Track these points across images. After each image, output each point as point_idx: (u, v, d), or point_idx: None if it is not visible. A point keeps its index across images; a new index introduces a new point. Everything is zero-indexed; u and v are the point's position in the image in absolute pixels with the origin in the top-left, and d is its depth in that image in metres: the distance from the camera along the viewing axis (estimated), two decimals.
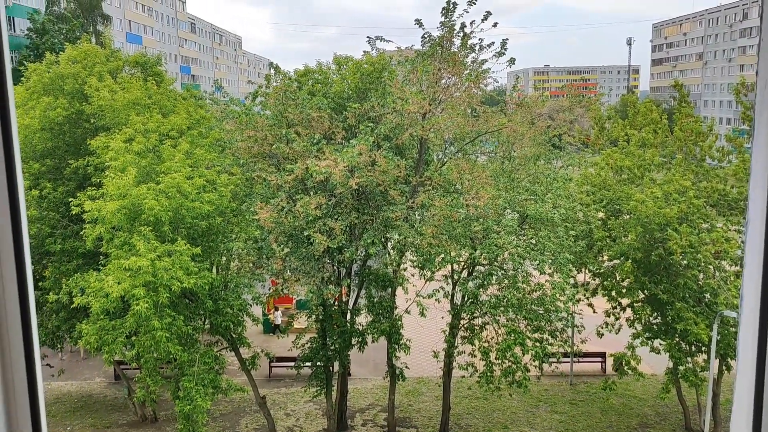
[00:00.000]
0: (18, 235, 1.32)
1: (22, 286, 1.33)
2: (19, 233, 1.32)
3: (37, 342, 1.40)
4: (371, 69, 21.21)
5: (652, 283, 19.99)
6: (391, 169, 17.21)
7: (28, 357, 1.35)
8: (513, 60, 19.50)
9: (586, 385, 26.69)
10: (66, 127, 21.20)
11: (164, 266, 15.20)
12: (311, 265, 18.04)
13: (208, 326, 19.12)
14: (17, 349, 1.34)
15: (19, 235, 1.32)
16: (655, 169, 22.17)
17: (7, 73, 1.30)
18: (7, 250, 1.31)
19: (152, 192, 16.30)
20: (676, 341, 19.97)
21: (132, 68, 26.06)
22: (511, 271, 18.55)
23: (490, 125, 19.88)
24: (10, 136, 1.29)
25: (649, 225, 19.45)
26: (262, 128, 19.04)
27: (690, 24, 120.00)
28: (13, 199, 1.30)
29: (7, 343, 1.33)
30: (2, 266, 1.31)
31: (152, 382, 16.99)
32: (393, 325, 19.73)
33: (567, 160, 23.33)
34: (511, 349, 17.76)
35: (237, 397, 23.83)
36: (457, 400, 24.80)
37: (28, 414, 1.36)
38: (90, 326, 16.04)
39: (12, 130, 1.30)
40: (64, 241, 19.64)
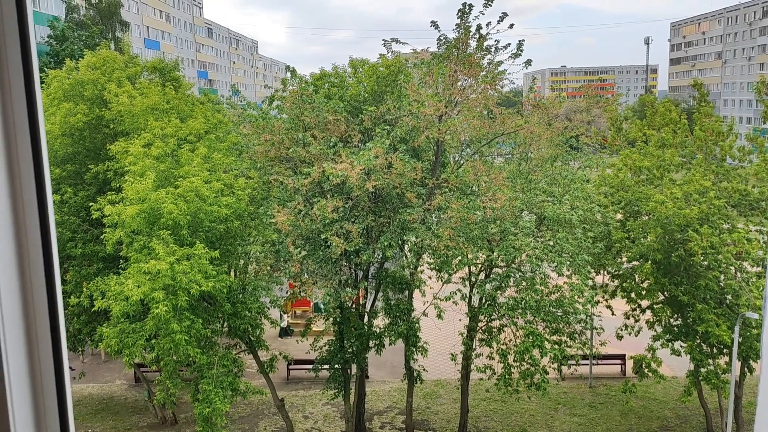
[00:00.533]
0: (47, 239, 1.35)
1: (50, 288, 1.36)
2: (48, 236, 1.35)
3: (64, 343, 1.42)
4: (387, 72, 21.23)
5: (673, 285, 19.78)
6: (407, 171, 17.21)
7: (56, 358, 1.38)
8: (529, 61, 19.42)
9: (605, 387, 26.46)
10: (86, 133, 21.46)
11: (183, 270, 15.32)
12: (328, 268, 18.09)
13: (226, 329, 19.24)
14: (46, 350, 1.36)
15: (48, 240, 1.35)
16: (674, 170, 21.94)
17: (36, 85, 1.33)
18: (36, 253, 1.34)
19: (171, 196, 16.44)
20: (697, 343, 19.74)
21: (150, 74, 26.33)
22: (529, 273, 18.45)
23: (506, 127, 19.82)
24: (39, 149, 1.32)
25: (669, 226, 19.25)
26: (278, 132, 19.13)
27: (709, 23, 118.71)
28: (42, 206, 1.33)
29: (36, 344, 1.36)
30: (31, 270, 1.34)
31: (172, 384, 17.12)
32: (410, 328, 19.71)
33: (584, 161, 23.18)
34: (529, 352, 17.66)
35: (255, 400, 23.96)
36: (475, 403, 24.71)
37: (56, 414, 1.39)
38: (111, 329, 16.21)
39: (41, 143, 1.33)
40: (84, 245, 19.88)
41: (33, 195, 1.32)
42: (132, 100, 20.68)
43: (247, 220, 19.25)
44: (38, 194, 1.32)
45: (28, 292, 1.34)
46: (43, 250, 1.34)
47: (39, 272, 1.35)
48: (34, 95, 1.31)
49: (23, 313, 1.33)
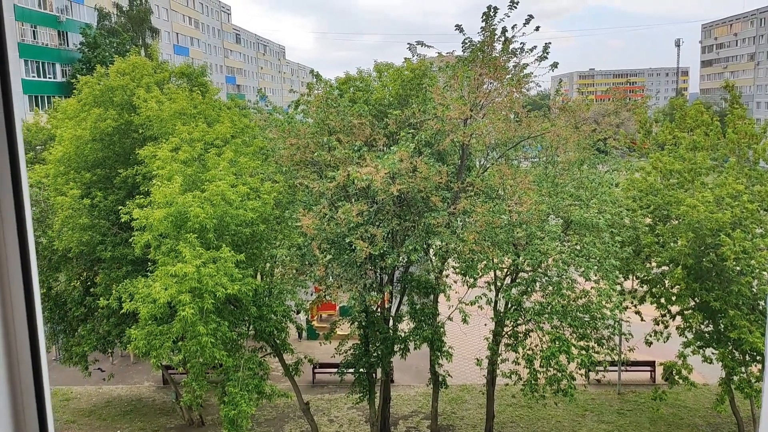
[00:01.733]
0: (23, 236, 1.35)
1: (27, 287, 1.35)
2: (24, 234, 1.35)
3: (42, 342, 1.42)
4: (412, 75, 21.22)
5: (704, 290, 19.38)
6: (432, 175, 17.15)
7: (34, 357, 1.38)
8: (555, 64, 19.24)
9: (634, 394, 26.04)
10: (116, 138, 21.81)
11: (209, 273, 15.46)
12: (353, 272, 18.10)
13: (252, 332, 19.36)
14: (24, 350, 1.36)
15: (24, 237, 1.35)
16: (705, 173, 21.52)
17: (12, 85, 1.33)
18: (13, 250, 1.33)
19: (197, 200, 16.62)
20: (729, 350, 19.31)
21: (178, 79, 26.69)
22: (555, 277, 18.24)
23: (533, 130, 19.65)
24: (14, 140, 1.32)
25: (700, 230, 18.88)
26: (304, 136, 19.22)
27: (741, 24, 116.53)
28: (18, 200, 1.33)
29: (14, 344, 1.35)
30: (8, 266, 1.34)
31: (198, 386, 17.27)
32: (435, 332, 19.62)
33: (612, 164, 22.86)
34: (555, 357, 17.44)
35: (281, 403, 24.05)
36: (501, 408, 24.49)
37: (35, 414, 1.39)
38: (138, 331, 16.42)
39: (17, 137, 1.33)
40: (114, 249, 20.18)
41: (9, 191, 1.31)
42: (160, 105, 20.97)
43: (273, 223, 19.37)
44: (14, 191, 1.32)
45: (5, 290, 1.34)
46: (19, 246, 1.34)
47: (16, 271, 1.35)
48: (9, 94, 1.31)
49: (1, 310, 1.33)
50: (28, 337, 1.36)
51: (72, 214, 19.44)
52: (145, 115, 20.78)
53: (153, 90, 22.22)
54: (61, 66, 62.23)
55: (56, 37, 62.52)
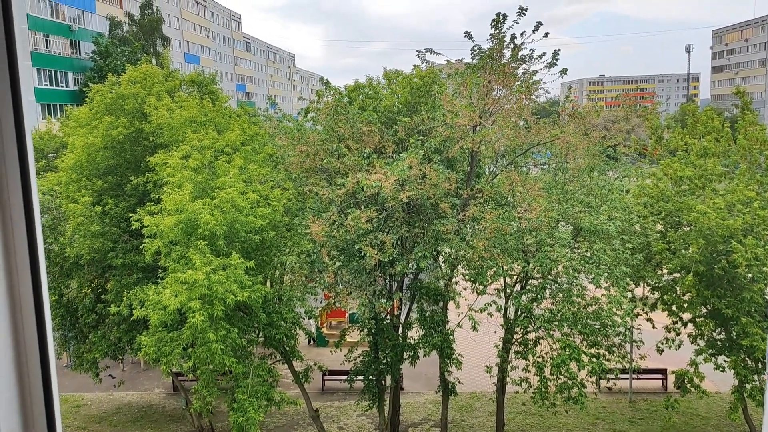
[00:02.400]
0: (32, 239, 1.37)
1: (36, 289, 1.37)
2: (34, 238, 1.37)
3: (51, 343, 1.43)
4: (421, 83, 21.28)
5: (716, 297, 19.23)
6: (441, 182, 17.15)
7: (43, 357, 1.39)
8: (565, 70, 19.18)
9: (646, 402, 25.83)
10: (127, 145, 21.96)
11: (219, 279, 15.51)
12: (363, 279, 18.11)
13: (261, 339, 19.38)
14: (33, 350, 1.38)
15: (33, 240, 1.37)
16: (716, 180, 21.39)
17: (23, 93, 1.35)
18: (22, 254, 1.35)
19: (207, 207, 16.70)
20: (741, 358, 19.13)
21: (189, 87, 26.86)
22: (566, 284, 18.15)
23: (542, 137, 19.62)
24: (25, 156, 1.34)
25: (711, 237, 18.75)
26: (313, 143, 19.29)
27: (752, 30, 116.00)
28: (27, 202, 1.35)
29: (23, 345, 1.37)
30: (18, 269, 1.36)
31: (208, 393, 17.30)
32: (445, 339, 19.56)
33: (623, 171, 22.77)
34: (566, 365, 17.34)
35: (290, 410, 24.04)
36: (512, 416, 24.37)
37: (43, 415, 1.40)
38: (149, 338, 16.48)
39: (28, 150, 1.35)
40: (125, 255, 20.30)
41: (19, 195, 1.33)
42: (171, 113, 21.11)
43: (283, 230, 19.41)
44: (24, 194, 1.34)
45: (15, 293, 1.36)
46: (29, 248, 1.36)
47: (25, 273, 1.36)
48: (20, 102, 1.33)
49: (10, 314, 1.35)
50: (38, 340, 1.38)
51: (83, 222, 19.58)
52: (155, 122, 20.92)
53: (164, 98, 22.37)
54: (74, 74, 62.83)
55: (68, 46, 63.16)
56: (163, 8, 79.47)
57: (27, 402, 1.39)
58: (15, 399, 1.36)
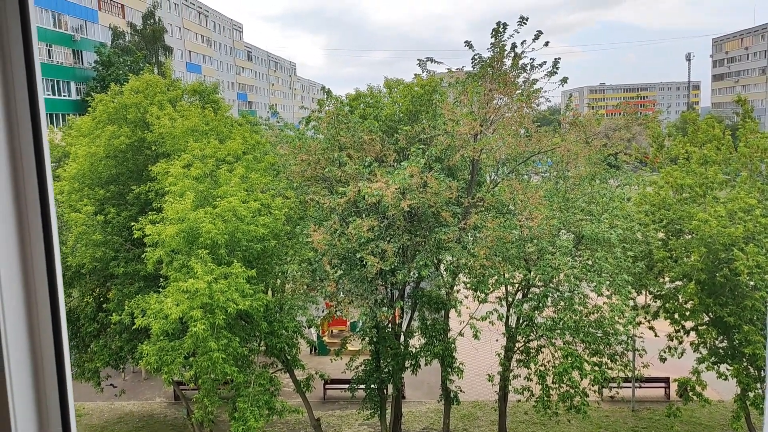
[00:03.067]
0: (48, 238, 1.39)
1: (53, 290, 1.39)
2: (50, 237, 1.39)
3: (66, 343, 1.45)
4: (422, 91, 21.34)
5: (718, 305, 19.20)
6: (442, 190, 17.18)
7: (59, 358, 1.41)
8: (565, 79, 19.26)
9: (648, 411, 25.73)
10: (129, 155, 22.02)
11: (220, 288, 15.52)
12: (364, 287, 18.11)
13: (263, 348, 19.36)
14: (48, 351, 1.40)
15: (49, 238, 1.39)
16: (718, 187, 21.40)
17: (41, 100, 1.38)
18: (39, 255, 1.38)
19: (209, 216, 16.73)
20: (744, 366, 19.08)
21: (191, 96, 26.96)
22: (567, 292, 18.15)
23: (543, 145, 19.66)
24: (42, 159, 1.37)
25: (713, 245, 18.75)
26: (315, 152, 19.35)
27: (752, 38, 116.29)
28: (44, 206, 1.37)
29: (38, 346, 1.39)
30: (35, 271, 1.38)
31: (210, 402, 17.26)
32: (446, 348, 19.54)
33: (624, 179, 22.79)
34: (568, 373, 17.30)
35: (292, 419, 23.97)
36: (514, 425, 24.27)
37: (58, 416, 1.42)
38: (150, 347, 16.47)
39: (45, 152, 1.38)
40: (126, 264, 20.31)
41: (36, 195, 1.36)
42: (173, 122, 21.17)
43: (284, 239, 19.43)
44: (41, 196, 1.36)
45: (31, 294, 1.38)
46: (45, 248, 1.38)
47: (42, 278, 1.39)
48: (37, 107, 1.36)
49: (26, 315, 1.37)
50: (53, 340, 1.40)
51: (85, 230, 19.60)
52: (158, 132, 20.98)
53: (166, 107, 22.45)
54: (76, 84, 63.09)
55: (71, 56, 63.46)
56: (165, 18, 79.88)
57: (42, 403, 1.41)
58: (31, 400, 1.38)
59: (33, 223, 1.38)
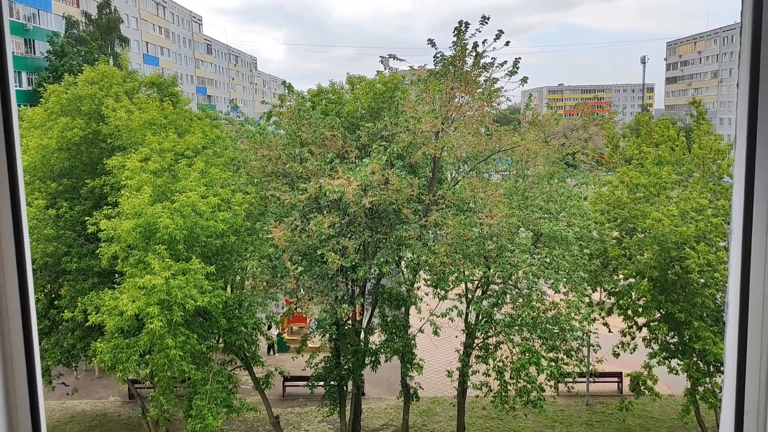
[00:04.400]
0: (19, 237, 1.34)
1: (23, 290, 1.34)
2: (21, 237, 1.34)
3: (36, 343, 1.41)
4: (384, 88, 21.34)
5: (669, 302, 19.75)
6: (404, 187, 17.23)
7: (29, 358, 1.36)
8: (525, 79, 19.50)
9: (602, 405, 26.32)
10: (83, 147, 21.47)
11: (178, 285, 15.27)
12: (325, 284, 18.04)
13: (221, 345, 19.13)
14: (18, 350, 1.35)
15: (20, 238, 1.34)
16: (671, 187, 21.99)
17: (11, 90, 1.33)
18: (9, 253, 1.33)
19: (167, 211, 16.42)
20: (694, 361, 19.67)
21: (148, 89, 26.42)
22: (525, 289, 18.42)
23: (503, 144, 19.89)
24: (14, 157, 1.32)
25: (665, 243, 19.27)
26: (276, 147, 19.17)
27: (705, 42, 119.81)
28: (15, 206, 1.32)
29: (8, 345, 1.34)
30: (5, 273, 1.33)
31: (165, 400, 16.99)
32: (406, 345, 19.63)
33: (581, 178, 23.22)
34: (525, 369, 17.57)
35: (250, 417, 23.77)
36: (472, 420, 24.54)
37: (28, 415, 1.37)
38: (104, 344, 16.10)
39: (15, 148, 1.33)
40: (80, 260, 19.81)
41: (7, 200, 1.31)
42: (130, 114, 20.72)
43: (244, 235, 19.22)
44: (12, 198, 1.31)
45: (1, 296, 1.33)
46: (15, 246, 1.33)
47: (12, 274, 1.34)
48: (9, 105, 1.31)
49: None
50: (23, 340, 1.35)
51: (36, 225, 19.03)
52: (113, 124, 20.50)
53: (122, 99, 21.95)
54: (27, 74, 61.15)
55: (23, 45, 61.48)
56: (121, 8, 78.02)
57: (12, 403, 1.36)
58: (0, 400, 1.33)
59: (3, 218, 1.33)
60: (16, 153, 1.33)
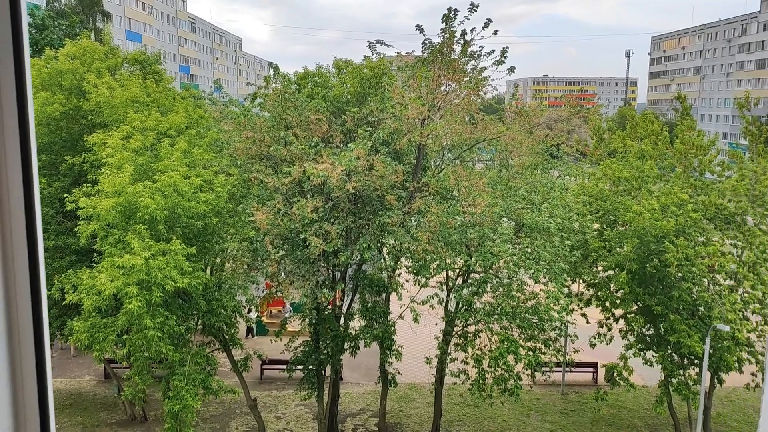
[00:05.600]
0: (32, 234, 1.28)
1: (34, 284, 1.29)
2: (34, 233, 1.29)
3: (47, 341, 1.35)
4: (371, 74, 21.20)
5: (647, 295, 19.99)
6: (388, 174, 17.18)
7: (39, 357, 1.31)
8: (513, 68, 19.51)
9: (577, 395, 26.66)
10: (63, 123, 21.10)
11: (158, 265, 15.11)
12: (306, 269, 17.98)
13: (200, 326, 19.02)
14: (28, 348, 1.30)
15: (33, 235, 1.28)
16: (652, 181, 22.19)
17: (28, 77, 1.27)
18: (21, 249, 1.27)
19: (148, 190, 16.21)
20: (668, 353, 19.97)
21: (131, 66, 25.99)
22: (506, 279, 18.52)
23: (488, 133, 19.89)
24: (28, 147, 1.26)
25: (645, 236, 19.46)
26: (260, 130, 18.99)
27: (689, 38, 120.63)
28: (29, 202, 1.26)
29: (17, 343, 1.29)
30: (15, 266, 1.27)
31: (141, 381, 16.88)
32: (386, 331, 19.67)
33: (564, 170, 23.32)
34: (503, 357, 17.71)
35: (228, 399, 23.72)
36: (449, 407, 24.73)
37: (36, 414, 1.32)
38: (81, 323, 15.93)
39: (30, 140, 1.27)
40: (57, 238, 19.53)
41: (20, 189, 1.25)
42: (111, 91, 20.38)
43: (226, 217, 19.06)
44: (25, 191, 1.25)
45: (10, 287, 1.27)
46: (28, 243, 1.27)
47: (23, 270, 1.28)
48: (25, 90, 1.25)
49: (5, 310, 1.26)
50: (33, 337, 1.29)
51: None
52: (95, 101, 20.15)
53: (104, 75, 21.58)
54: None
55: None
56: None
57: (20, 402, 1.30)
58: (7, 399, 1.27)
59: (15, 210, 1.26)
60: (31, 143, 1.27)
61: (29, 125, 1.26)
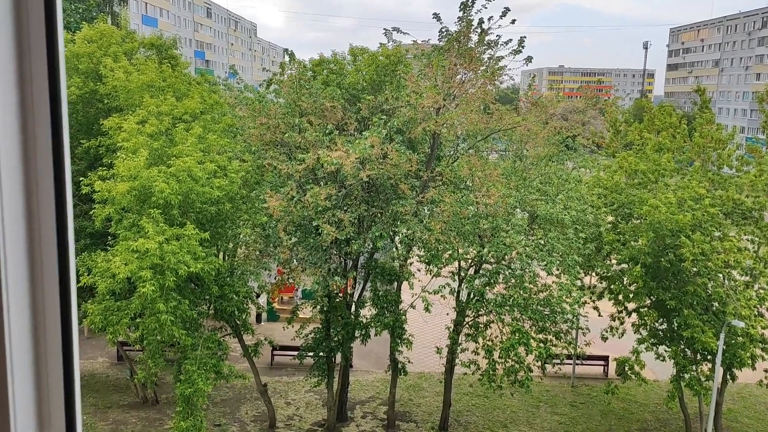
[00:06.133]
0: (63, 228, 1.25)
1: (63, 280, 1.26)
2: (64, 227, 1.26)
3: (76, 338, 1.32)
4: (386, 61, 21.09)
5: (661, 289, 19.82)
6: (402, 162, 17.11)
7: (66, 353, 1.28)
8: (530, 58, 19.32)
9: (587, 387, 26.58)
10: (79, 106, 21.19)
11: (172, 250, 15.18)
12: (318, 256, 18.00)
13: (212, 311, 19.12)
14: (54, 345, 1.27)
15: (63, 229, 1.25)
16: (669, 175, 21.94)
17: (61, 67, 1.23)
18: (51, 243, 1.24)
19: (163, 175, 16.27)
20: (681, 348, 19.83)
21: (147, 50, 26.02)
22: (519, 270, 18.44)
23: (503, 123, 19.75)
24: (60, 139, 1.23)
25: (660, 230, 19.27)
26: (274, 116, 18.97)
27: (708, 30, 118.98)
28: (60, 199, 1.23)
29: (43, 339, 1.26)
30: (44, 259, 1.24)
31: (154, 364, 17.02)
32: (397, 320, 19.68)
33: (579, 161, 23.12)
34: (514, 349, 17.68)
35: (238, 384, 23.86)
36: (458, 397, 24.75)
37: (62, 414, 1.30)
38: (95, 306, 16.08)
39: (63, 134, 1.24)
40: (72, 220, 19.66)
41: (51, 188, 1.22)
42: (128, 75, 20.42)
43: (239, 203, 19.10)
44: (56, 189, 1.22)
45: (38, 282, 1.24)
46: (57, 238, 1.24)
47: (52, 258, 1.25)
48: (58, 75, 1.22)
49: (31, 306, 1.23)
50: (61, 333, 1.27)
51: None
52: (111, 84, 20.22)
53: (120, 60, 21.62)
54: None
55: None
56: None
57: (45, 401, 1.27)
58: (32, 397, 1.25)
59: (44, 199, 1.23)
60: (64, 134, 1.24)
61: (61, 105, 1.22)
